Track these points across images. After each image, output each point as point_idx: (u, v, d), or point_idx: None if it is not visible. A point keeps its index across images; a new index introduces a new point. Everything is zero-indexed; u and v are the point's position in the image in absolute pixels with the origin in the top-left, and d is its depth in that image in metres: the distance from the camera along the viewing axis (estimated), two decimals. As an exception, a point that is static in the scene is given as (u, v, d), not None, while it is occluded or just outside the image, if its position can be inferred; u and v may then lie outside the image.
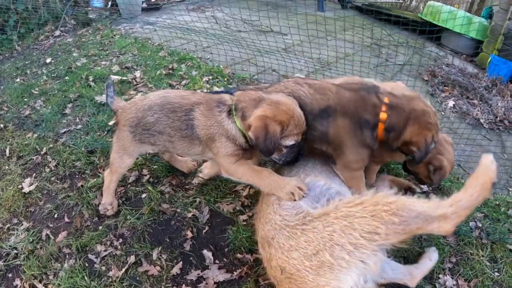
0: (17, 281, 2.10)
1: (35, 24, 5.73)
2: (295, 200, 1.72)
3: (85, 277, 2.04)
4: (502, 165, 3.22)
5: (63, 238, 2.28)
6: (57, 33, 5.63)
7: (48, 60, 4.70)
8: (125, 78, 3.87)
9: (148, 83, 3.79)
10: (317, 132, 1.92)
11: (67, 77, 4.07)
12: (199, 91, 2.98)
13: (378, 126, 1.84)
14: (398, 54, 4.92)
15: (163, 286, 2.00)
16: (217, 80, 3.85)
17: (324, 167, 2.03)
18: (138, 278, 2.04)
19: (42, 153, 2.97)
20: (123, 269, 2.06)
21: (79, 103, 3.54)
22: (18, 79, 4.33)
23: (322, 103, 1.88)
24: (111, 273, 2.06)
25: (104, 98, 3.47)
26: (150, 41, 4.99)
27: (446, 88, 4.30)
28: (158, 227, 2.29)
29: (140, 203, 2.43)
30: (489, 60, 4.98)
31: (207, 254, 2.12)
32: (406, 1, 11.50)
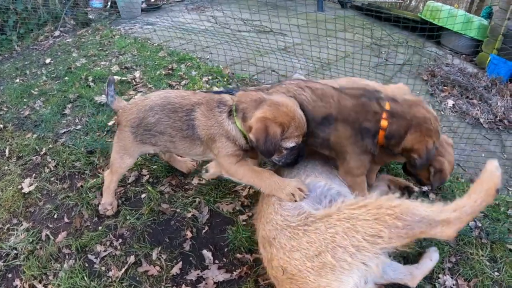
0: (17, 282, 2.10)
1: (35, 25, 5.73)
2: (295, 201, 1.72)
3: (85, 277, 2.04)
4: (501, 164, 3.16)
5: (62, 238, 2.28)
6: (56, 33, 5.63)
7: (48, 61, 4.70)
8: (124, 78, 3.87)
9: (147, 83, 3.79)
10: (319, 139, 1.94)
11: (66, 78, 4.07)
12: (199, 91, 2.98)
13: (379, 133, 1.85)
14: (397, 54, 4.92)
15: (162, 286, 2.00)
16: (216, 80, 3.85)
17: (324, 167, 2.03)
18: (137, 278, 2.04)
19: (42, 153, 2.97)
20: (123, 269, 2.06)
21: (79, 103, 3.54)
22: (18, 80, 4.33)
23: (323, 111, 1.89)
24: (111, 273, 2.06)
25: (104, 99, 3.47)
26: (149, 41, 4.99)
27: (446, 88, 4.29)
28: (158, 227, 2.29)
29: (139, 203, 2.43)
30: (488, 59, 4.98)
31: (207, 254, 2.12)
32: (406, 0, 11.50)
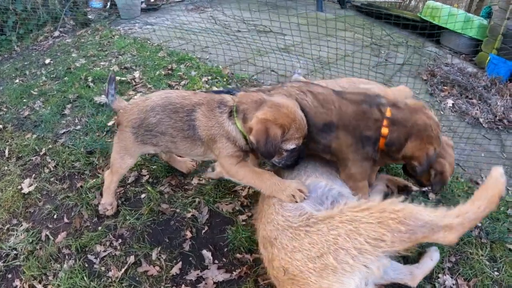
0: (17, 282, 2.10)
1: (34, 25, 5.72)
2: (296, 202, 1.72)
3: (85, 278, 2.04)
4: (501, 164, 3.21)
5: (62, 238, 2.28)
6: (56, 33, 5.63)
7: (47, 61, 4.70)
8: (124, 79, 3.87)
9: (147, 84, 3.79)
10: (320, 145, 1.95)
11: (66, 78, 4.07)
12: (199, 92, 2.98)
13: (380, 140, 1.85)
14: (397, 54, 4.92)
15: (162, 286, 2.00)
16: (216, 80, 3.85)
17: (325, 168, 2.03)
18: (137, 279, 2.04)
19: (41, 153, 2.97)
20: (123, 270, 2.06)
21: (78, 103, 3.54)
22: (17, 80, 4.33)
23: (325, 118, 1.89)
24: (111, 274, 2.06)
25: (103, 99, 3.47)
26: (149, 42, 4.98)
27: (445, 88, 4.29)
28: (158, 227, 2.29)
29: (139, 203, 2.43)
30: (488, 59, 4.98)
31: (207, 254, 2.12)
32: (405, 0, 11.50)
